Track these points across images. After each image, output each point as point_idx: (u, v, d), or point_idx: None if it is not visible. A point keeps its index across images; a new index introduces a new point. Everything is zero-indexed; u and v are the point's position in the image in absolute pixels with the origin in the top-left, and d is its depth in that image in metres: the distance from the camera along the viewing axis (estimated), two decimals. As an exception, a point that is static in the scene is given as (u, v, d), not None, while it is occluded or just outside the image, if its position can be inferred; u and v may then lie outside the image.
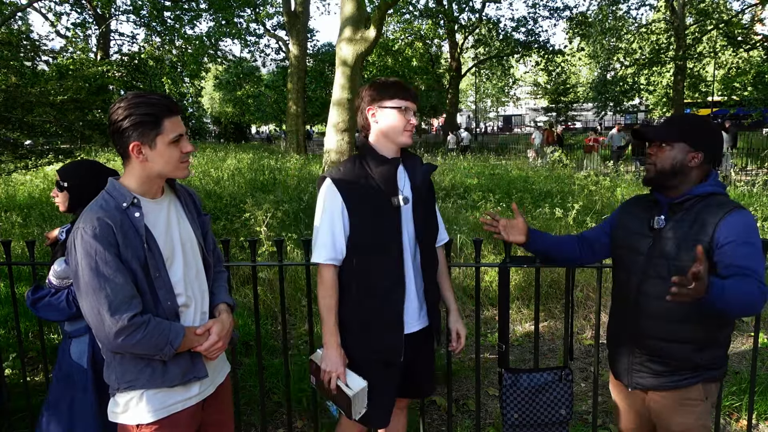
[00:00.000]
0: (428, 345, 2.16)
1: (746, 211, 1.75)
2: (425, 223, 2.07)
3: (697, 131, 1.83)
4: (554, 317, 4.78)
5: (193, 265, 1.77)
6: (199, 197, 1.96)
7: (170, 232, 1.71)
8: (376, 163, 1.97)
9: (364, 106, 2.00)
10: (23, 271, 5.33)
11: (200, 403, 1.78)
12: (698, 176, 1.84)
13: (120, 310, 1.52)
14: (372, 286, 1.96)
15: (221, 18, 21.28)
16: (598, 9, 28.01)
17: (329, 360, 1.95)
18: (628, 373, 1.97)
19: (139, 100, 1.59)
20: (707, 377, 1.86)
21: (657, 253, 1.83)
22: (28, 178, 10.89)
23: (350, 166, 1.98)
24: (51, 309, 2.05)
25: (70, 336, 2.17)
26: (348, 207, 1.93)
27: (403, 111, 1.95)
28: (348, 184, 1.94)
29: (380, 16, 11.68)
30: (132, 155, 1.61)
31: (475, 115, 51.16)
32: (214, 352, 1.74)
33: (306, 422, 3.19)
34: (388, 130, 1.97)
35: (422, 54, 31.56)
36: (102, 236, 1.53)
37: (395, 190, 1.97)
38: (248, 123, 41.41)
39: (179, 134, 1.64)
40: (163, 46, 22.44)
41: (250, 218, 6.25)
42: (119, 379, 1.65)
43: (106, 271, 1.52)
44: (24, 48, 8.30)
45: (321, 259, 1.95)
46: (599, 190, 9.03)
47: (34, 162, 6.11)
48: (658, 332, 1.85)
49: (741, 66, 27.95)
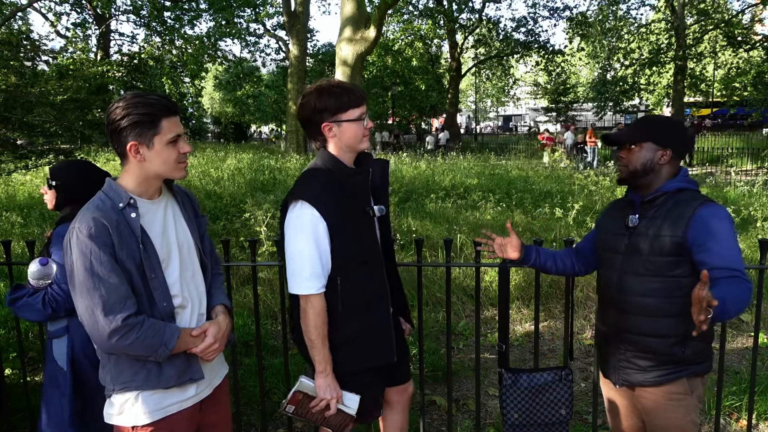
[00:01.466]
0: (398, 328, 2.16)
1: (716, 205, 1.81)
2: (387, 225, 2.08)
3: (663, 129, 1.90)
4: (554, 317, 4.78)
5: (190, 266, 1.76)
6: (197, 199, 1.95)
7: (167, 233, 1.69)
8: (346, 174, 1.90)
9: (316, 120, 1.87)
10: (23, 271, 5.33)
11: (197, 404, 1.76)
12: (669, 173, 1.90)
13: (114, 311, 1.51)
14: (361, 298, 1.93)
15: (221, 18, 21.26)
16: (598, 9, 28.02)
17: (327, 387, 1.89)
18: (615, 370, 2.02)
19: (137, 100, 1.57)
20: (691, 372, 1.89)
21: (632, 250, 1.90)
22: (28, 178, 10.89)
23: (321, 182, 1.86)
24: (28, 309, 2.04)
25: (51, 336, 2.16)
26: (329, 227, 1.82)
27: (361, 120, 1.87)
28: (325, 203, 1.82)
29: (380, 16, 11.68)
30: (129, 155, 1.60)
31: (475, 115, 51.17)
32: (210, 354, 1.73)
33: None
34: (349, 142, 1.89)
35: (422, 54, 31.55)
36: (97, 236, 1.52)
37: (368, 200, 1.95)
38: (248, 123, 41.42)
39: (177, 134, 1.63)
40: (163, 46, 22.43)
41: (250, 218, 6.26)
42: (114, 380, 1.64)
43: (101, 271, 1.51)
44: (24, 48, 8.30)
45: (314, 290, 1.82)
46: (599, 190, 9.04)
47: (34, 162, 6.11)
48: (640, 328, 1.90)
49: (741, 66, 27.95)
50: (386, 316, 1.99)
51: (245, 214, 6.51)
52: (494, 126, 55.65)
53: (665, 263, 1.82)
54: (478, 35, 30.93)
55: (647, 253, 1.85)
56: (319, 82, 1.91)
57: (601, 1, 27.74)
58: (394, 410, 2.27)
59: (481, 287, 4.96)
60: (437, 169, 12.71)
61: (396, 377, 2.21)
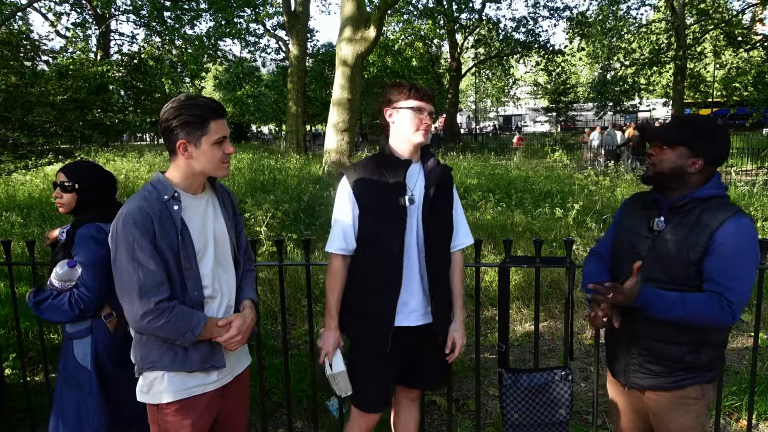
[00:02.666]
0: (434, 340, 2.17)
1: (746, 218, 1.74)
2: (435, 223, 2.09)
3: (700, 135, 1.78)
4: (554, 317, 4.78)
5: (224, 260, 1.86)
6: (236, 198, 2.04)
7: (205, 228, 1.81)
8: (389, 163, 2.06)
9: (382, 106, 2.09)
10: (23, 271, 5.33)
11: (219, 390, 1.86)
12: (699, 180, 1.81)
13: (149, 294, 1.63)
14: (370, 279, 2.06)
15: (221, 18, 21.28)
16: (598, 9, 28.01)
17: (324, 338, 2.10)
18: (625, 372, 1.98)
19: (188, 102, 1.71)
20: (705, 379, 1.86)
21: (656, 256, 1.82)
22: (28, 178, 10.89)
23: (366, 166, 2.09)
24: (54, 311, 2.05)
25: (72, 337, 2.16)
26: (359, 204, 2.05)
27: (416, 111, 2.02)
28: (361, 183, 2.05)
29: (380, 16, 11.68)
30: (178, 152, 1.72)
31: (475, 115, 51.18)
32: (233, 345, 1.82)
33: (306, 422, 3.19)
34: (403, 129, 2.04)
35: (422, 54, 31.53)
36: (141, 224, 1.64)
37: (403, 190, 2.03)
38: (248, 123, 41.45)
39: (223, 136, 1.74)
40: (163, 46, 22.44)
41: (250, 218, 6.26)
42: (143, 359, 1.76)
43: (141, 257, 1.64)
44: (24, 48, 8.30)
45: (331, 249, 2.08)
46: (599, 190, 9.04)
47: (34, 162, 6.12)
48: (655, 334, 1.85)
49: (741, 66, 27.93)
50: (389, 304, 2.03)
51: (245, 214, 6.51)
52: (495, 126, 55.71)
53: (689, 272, 1.76)
54: (478, 35, 30.91)
55: (672, 260, 1.78)
56: None
57: (601, 1, 27.73)
58: (402, 405, 2.32)
59: (481, 287, 4.96)
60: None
61: (409, 379, 2.23)
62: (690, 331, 1.80)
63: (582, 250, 5.71)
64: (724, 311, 1.68)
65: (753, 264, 1.75)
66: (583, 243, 5.84)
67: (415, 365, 2.18)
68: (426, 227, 2.06)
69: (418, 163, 2.11)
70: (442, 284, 2.15)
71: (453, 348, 2.18)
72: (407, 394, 2.31)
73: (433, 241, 2.07)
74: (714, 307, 1.68)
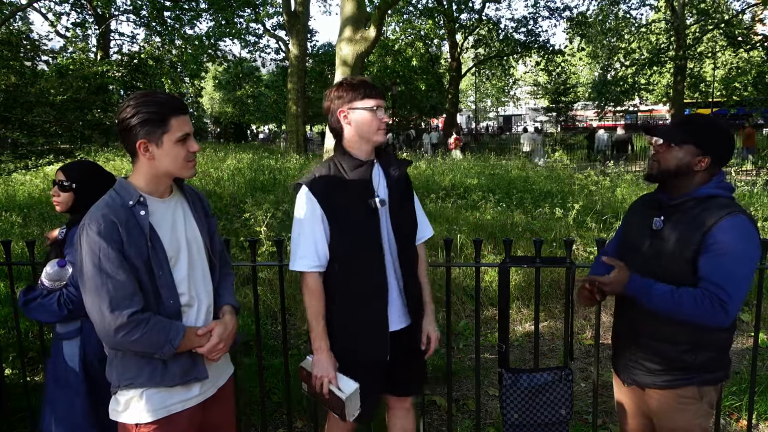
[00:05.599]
0: (413, 343, 2.15)
1: (742, 217, 1.73)
2: (403, 221, 2.07)
3: (708, 134, 1.80)
4: (554, 317, 4.78)
5: (199, 265, 1.77)
6: (207, 199, 1.96)
7: (176, 232, 1.71)
8: (351, 166, 1.96)
9: (334, 108, 1.97)
10: (23, 271, 5.32)
11: (201, 404, 1.76)
12: (702, 179, 1.81)
13: (120, 307, 1.52)
14: (355, 291, 1.97)
15: (221, 18, 21.25)
16: (598, 9, 28.01)
17: (320, 365, 1.96)
18: (625, 369, 2.01)
19: (146, 99, 1.59)
20: (702, 380, 1.85)
21: (654, 254, 1.85)
22: (28, 178, 10.86)
23: (325, 171, 1.97)
24: (42, 310, 2.04)
25: (62, 338, 2.16)
26: (327, 214, 1.93)
27: (374, 110, 1.94)
28: (324, 191, 1.93)
29: (380, 16, 11.69)
30: (139, 153, 1.62)
31: (475, 115, 51.18)
32: (216, 354, 1.73)
33: (306, 422, 3.19)
34: (363, 130, 1.95)
35: (422, 54, 31.54)
36: (106, 233, 1.54)
37: (371, 192, 1.97)
38: (248, 123, 41.43)
39: (186, 133, 1.64)
40: (163, 46, 22.43)
41: (250, 218, 6.26)
42: (120, 377, 1.65)
43: (109, 268, 1.53)
44: (24, 48, 8.31)
45: (305, 268, 1.94)
46: (599, 190, 9.03)
47: (34, 162, 6.12)
48: (652, 332, 1.87)
49: (741, 66, 27.93)
50: (380, 312, 1.99)
51: (245, 214, 6.51)
52: (495, 126, 55.70)
53: (685, 271, 1.77)
54: (478, 35, 30.92)
55: (668, 259, 1.80)
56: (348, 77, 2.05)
57: (601, 1, 27.73)
58: (396, 415, 2.27)
59: (481, 287, 4.96)
60: (437, 169, 12.70)
61: (399, 388, 2.19)
62: (688, 331, 1.80)
63: (582, 250, 5.71)
64: (715, 309, 1.67)
65: (748, 263, 1.73)
66: (583, 243, 5.84)
67: (401, 372, 2.13)
68: (395, 227, 2.02)
69: (376, 162, 2.04)
70: (414, 281, 2.12)
71: (428, 343, 2.16)
72: (401, 404, 2.26)
73: (403, 239, 2.05)
74: (705, 304, 1.68)
